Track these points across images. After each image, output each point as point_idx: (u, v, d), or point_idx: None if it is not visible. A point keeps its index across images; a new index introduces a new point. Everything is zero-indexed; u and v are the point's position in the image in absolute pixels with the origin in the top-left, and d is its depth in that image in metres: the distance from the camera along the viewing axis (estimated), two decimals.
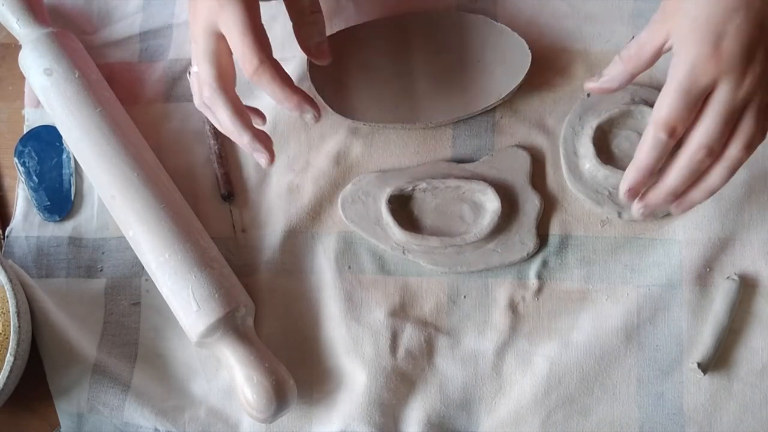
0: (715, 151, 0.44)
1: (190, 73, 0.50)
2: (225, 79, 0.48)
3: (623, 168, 0.49)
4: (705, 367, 0.51)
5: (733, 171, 0.45)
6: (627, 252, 0.54)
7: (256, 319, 0.55)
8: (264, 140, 0.50)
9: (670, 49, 0.45)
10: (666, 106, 0.44)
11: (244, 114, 0.49)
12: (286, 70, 0.48)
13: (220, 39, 0.47)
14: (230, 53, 0.48)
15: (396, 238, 0.55)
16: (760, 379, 0.52)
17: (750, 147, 0.44)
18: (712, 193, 0.46)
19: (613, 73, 0.48)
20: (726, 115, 0.43)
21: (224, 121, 0.49)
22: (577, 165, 0.55)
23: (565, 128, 0.56)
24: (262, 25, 0.47)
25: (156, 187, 0.54)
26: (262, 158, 0.50)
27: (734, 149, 0.44)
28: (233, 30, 0.46)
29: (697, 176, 0.45)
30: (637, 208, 0.47)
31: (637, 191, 0.46)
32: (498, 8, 0.60)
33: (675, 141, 0.44)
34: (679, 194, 0.46)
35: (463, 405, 0.53)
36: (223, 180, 0.58)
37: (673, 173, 0.45)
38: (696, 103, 0.43)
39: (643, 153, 0.45)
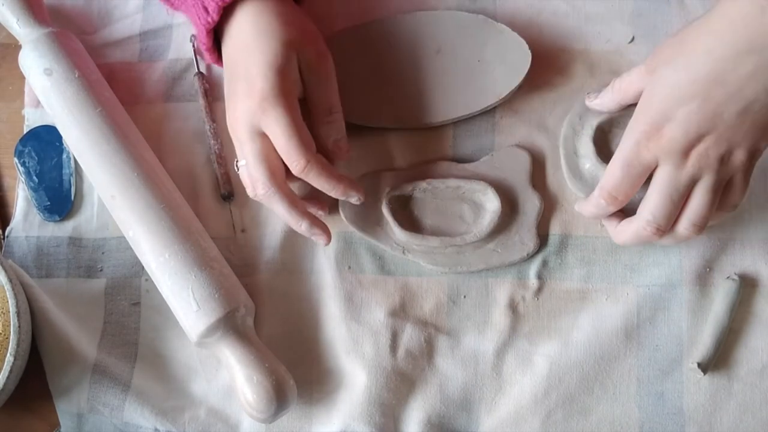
0: (662, 228, 0.48)
1: (237, 167, 0.53)
2: (276, 176, 0.51)
3: None
4: (705, 367, 0.51)
5: (682, 242, 0.49)
6: (627, 252, 0.54)
7: (257, 319, 0.55)
8: (320, 225, 0.53)
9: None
10: (610, 175, 0.48)
11: (299, 204, 0.52)
12: None
13: (265, 139, 0.50)
14: (277, 151, 0.50)
15: (396, 238, 0.55)
16: (760, 379, 0.52)
17: (697, 226, 0.48)
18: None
19: (606, 100, 0.53)
20: (669, 193, 0.47)
21: (282, 214, 0.52)
22: (578, 164, 0.55)
23: (566, 128, 0.56)
24: (303, 123, 0.50)
25: (156, 187, 0.53)
26: (320, 240, 0.54)
27: (681, 227, 0.48)
28: (278, 133, 0.49)
29: (642, 242, 0.50)
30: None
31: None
32: (498, 8, 0.60)
33: (617, 207, 0.50)
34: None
35: (463, 405, 0.53)
36: (223, 180, 0.58)
37: (627, 239, 0.50)
38: (638, 176, 0.48)
39: (589, 209, 0.51)
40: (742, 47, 0.43)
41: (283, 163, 0.51)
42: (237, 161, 0.53)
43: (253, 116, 0.50)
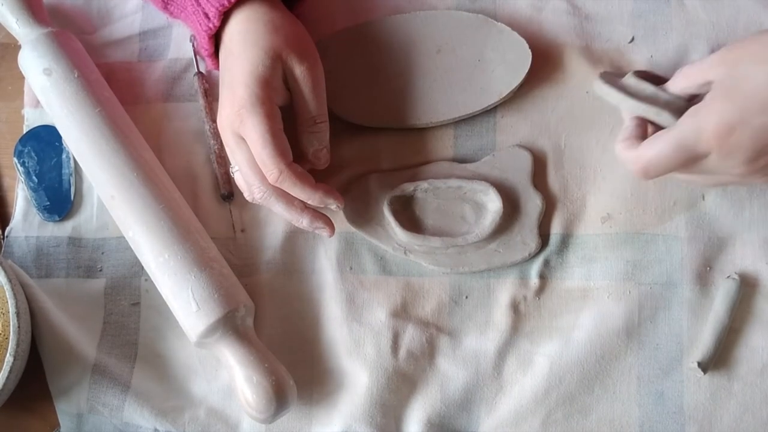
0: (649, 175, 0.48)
1: (233, 173, 0.54)
2: None
3: None
4: (705, 366, 0.52)
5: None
6: (629, 248, 0.54)
7: (257, 319, 0.55)
8: (321, 218, 0.54)
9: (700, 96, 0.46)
10: (656, 148, 0.46)
11: (295, 202, 0.53)
12: None
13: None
14: None
15: (398, 238, 0.55)
16: (761, 378, 0.52)
17: None
18: None
19: (668, 83, 0.50)
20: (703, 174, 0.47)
21: (282, 213, 0.53)
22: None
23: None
24: (281, 131, 0.51)
25: (156, 187, 0.53)
26: (323, 233, 0.54)
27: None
28: (253, 141, 0.50)
29: None
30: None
31: None
32: (498, 7, 0.60)
33: (644, 180, 0.49)
34: None
35: (464, 405, 0.53)
36: (222, 180, 0.58)
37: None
38: (683, 162, 0.46)
39: (620, 152, 0.49)
40: None
41: None
42: (232, 167, 0.53)
43: (233, 124, 0.51)
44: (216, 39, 0.54)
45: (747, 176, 0.46)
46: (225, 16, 0.52)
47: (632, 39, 0.58)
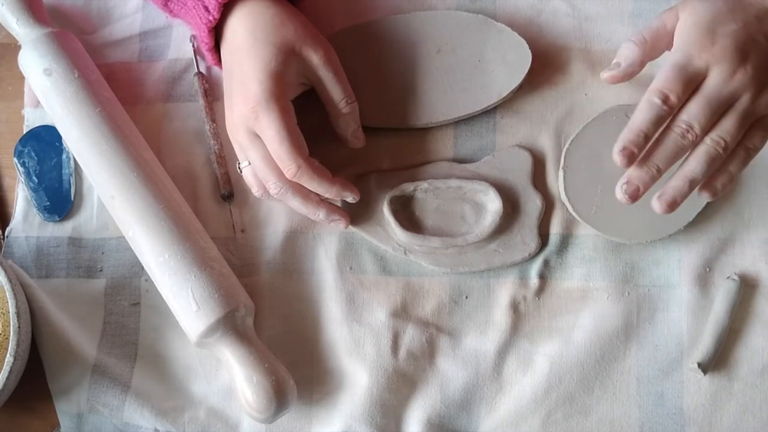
0: (692, 130, 0.46)
1: (240, 169, 0.54)
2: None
3: None
4: (705, 367, 0.52)
5: (708, 162, 0.46)
6: (628, 249, 0.54)
7: (257, 319, 0.55)
8: (337, 210, 0.54)
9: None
10: (662, 77, 0.47)
11: (311, 195, 0.53)
12: None
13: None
14: None
15: (397, 238, 0.55)
16: (761, 379, 0.52)
17: (723, 144, 0.46)
18: (691, 181, 0.46)
19: (630, 56, 0.51)
20: (712, 101, 0.46)
21: (298, 208, 0.54)
22: None
23: None
24: (296, 126, 0.51)
25: (156, 187, 0.53)
26: (340, 225, 0.55)
27: (709, 139, 0.46)
28: (270, 138, 0.50)
29: (676, 157, 0.46)
30: (620, 186, 0.47)
31: (630, 153, 0.46)
32: (498, 8, 0.60)
33: (668, 108, 0.46)
34: (657, 178, 0.47)
35: (464, 405, 0.53)
36: (222, 180, 0.58)
37: (655, 153, 0.46)
38: (689, 80, 0.46)
39: (637, 115, 0.46)
40: None
41: None
42: (239, 163, 0.53)
43: (247, 120, 0.51)
44: (216, 33, 0.54)
45: (756, 82, 0.47)
46: (225, 9, 0.52)
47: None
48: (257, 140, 0.51)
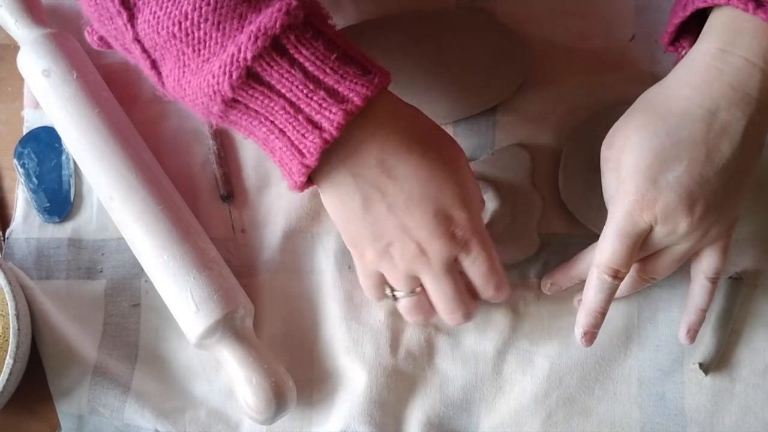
0: (622, 272, 0.46)
1: (395, 297, 0.48)
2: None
3: None
4: (707, 367, 0.51)
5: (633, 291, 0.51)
6: None
7: (256, 320, 0.55)
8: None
9: None
10: (608, 249, 0.46)
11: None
12: None
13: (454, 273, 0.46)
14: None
15: None
16: (763, 379, 0.52)
17: (651, 281, 0.50)
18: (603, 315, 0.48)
19: (559, 277, 0.53)
20: (649, 250, 0.47)
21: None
22: None
23: None
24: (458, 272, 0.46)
25: (155, 188, 0.53)
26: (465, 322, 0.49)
27: (639, 278, 0.49)
28: (435, 293, 0.46)
29: (612, 297, 0.48)
30: (579, 338, 0.49)
31: (593, 334, 0.48)
32: (498, 6, 0.59)
33: (619, 281, 0.47)
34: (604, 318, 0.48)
35: (464, 405, 0.53)
36: (222, 180, 0.58)
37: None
38: (636, 246, 0.46)
39: (590, 295, 0.47)
40: (711, 106, 0.43)
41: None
42: (394, 292, 0.48)
43: (410, 264, 0.45)
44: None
45: (700, 229, 0.45)
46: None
47: (633, 37, 0.58)
48: (413, 282, 0.46)
